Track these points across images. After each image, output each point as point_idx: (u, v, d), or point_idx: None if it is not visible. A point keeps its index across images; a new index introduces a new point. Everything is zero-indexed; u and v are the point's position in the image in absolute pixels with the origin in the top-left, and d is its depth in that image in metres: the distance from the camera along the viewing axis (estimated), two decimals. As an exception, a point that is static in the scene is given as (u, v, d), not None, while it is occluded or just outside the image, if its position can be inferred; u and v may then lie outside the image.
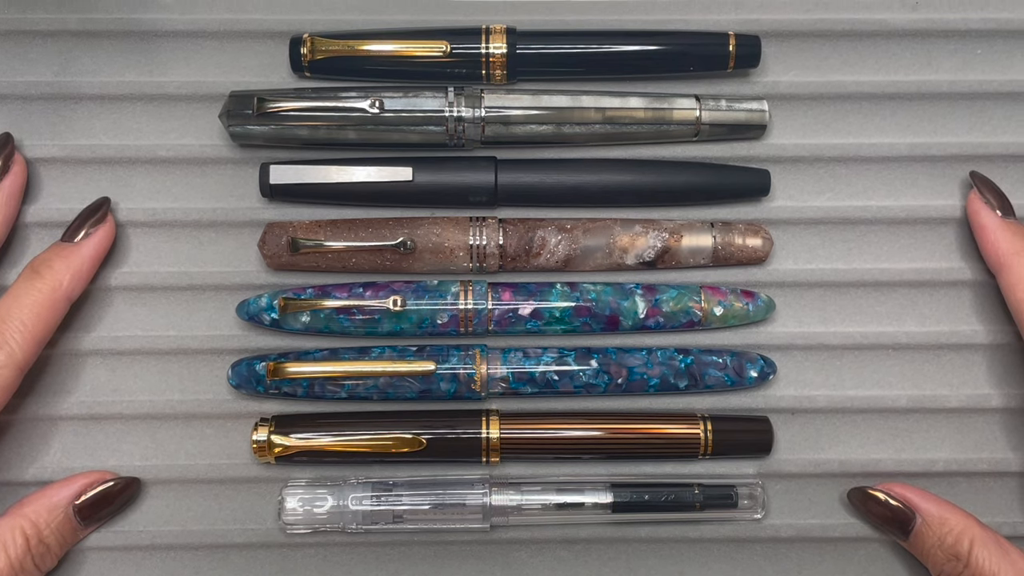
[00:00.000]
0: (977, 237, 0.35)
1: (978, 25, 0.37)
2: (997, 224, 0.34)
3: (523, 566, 0.35)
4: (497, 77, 0.36)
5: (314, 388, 0.34)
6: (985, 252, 0.35)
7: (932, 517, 0.32)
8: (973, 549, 0.31)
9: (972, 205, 0.35)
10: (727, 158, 0.36)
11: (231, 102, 0.34)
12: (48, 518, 0.32)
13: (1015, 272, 0.33)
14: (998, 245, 0.34)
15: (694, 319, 0.35)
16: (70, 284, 0.33)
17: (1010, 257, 0.34)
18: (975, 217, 0.35)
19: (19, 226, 0.36)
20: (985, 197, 0.35)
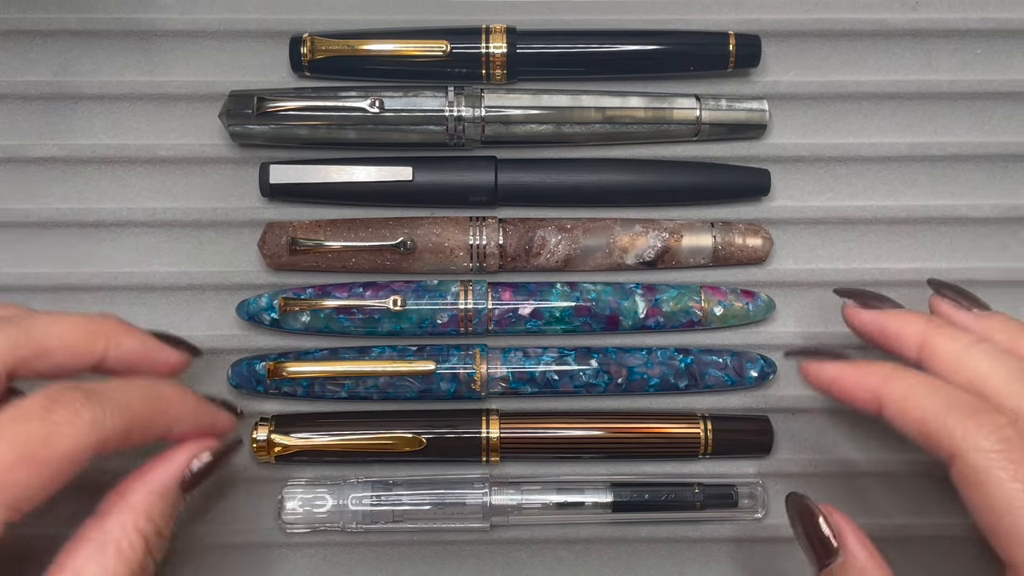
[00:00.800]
0: (883, 343, 0.30)
1: (978, 25, 0.37)
2: (890, 317, 0.30)
3: (523, 566, 0.35)
4: (497, 77, 0.36)
5: (314, 388, 0.34)
6: (897, 346, 0.30)
7: (855, 565, 0.27)
8: None
9: (854, 318, 0.31)
10: (727, 158, 0.36)
11: (231, 102, 0.34)
12: (161, 506, 0.27)
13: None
14: (908, 341, 0.29)
15: (694, 319, 0.35)
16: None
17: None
18: (861, 327, 0.31)
19: (17, 225, 0.36)
20: (859, 306, 0.31)
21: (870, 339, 0.31)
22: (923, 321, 0.29)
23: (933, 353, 0.28)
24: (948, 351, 0.28)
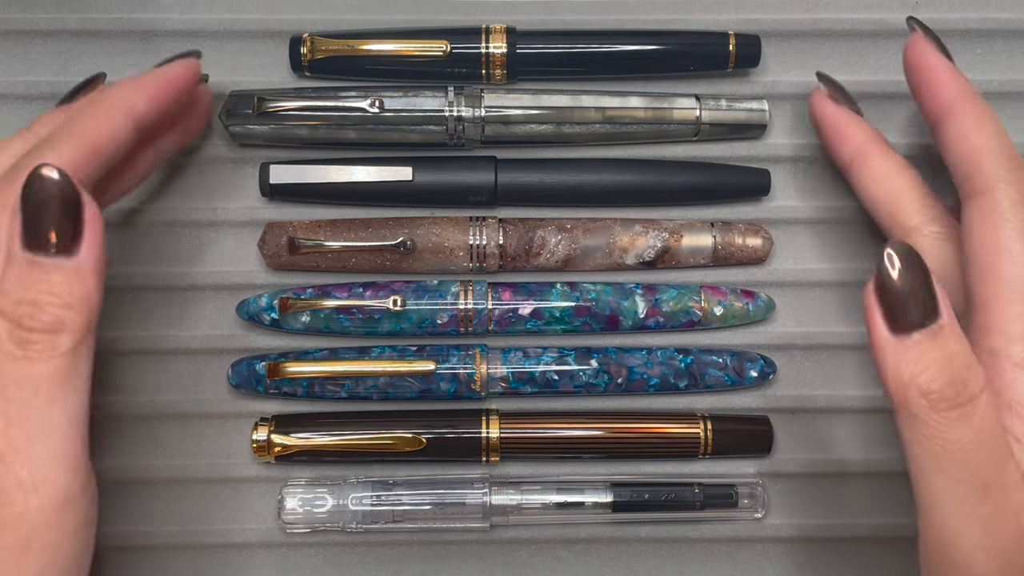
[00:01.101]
0: (920, 81, 0.31)
1: (978, 25, 0.37)
2: (947, 65, 0.30)
3: (523, 566, 0.35)
4: (497, 77, 0.36)
5: (314, 388, 0.34)
6: (930, 97, 0.30)
7: (952, 333, 0.26)
8: None
9: (916, 47, 0.31)
10: (727, 158, 0.36)
11: (231, 102, 0.34)
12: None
13: (968, 117, 0.29)
14: (949, 87, 0.30)
15: (694, 319, 0.35)
16: (143, 107, 0.29)
17: (960, 101, 0.29)
18: (919, 59, 0.30)
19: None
20: (929, 38, 0.31)
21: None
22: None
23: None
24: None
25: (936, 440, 0.25)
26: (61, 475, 0.24)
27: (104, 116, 0.28)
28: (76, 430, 0.25)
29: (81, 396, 0.25)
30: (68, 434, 0.24)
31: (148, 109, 0.29)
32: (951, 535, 0.25)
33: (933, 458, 0.25)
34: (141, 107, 0.29)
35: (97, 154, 0.28)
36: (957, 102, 0.29)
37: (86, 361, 0.25)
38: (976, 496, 0.25)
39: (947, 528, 0.25)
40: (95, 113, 0.28)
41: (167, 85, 0.30)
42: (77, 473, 0.25)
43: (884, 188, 0.32)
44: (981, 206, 0.28)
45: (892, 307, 0.26)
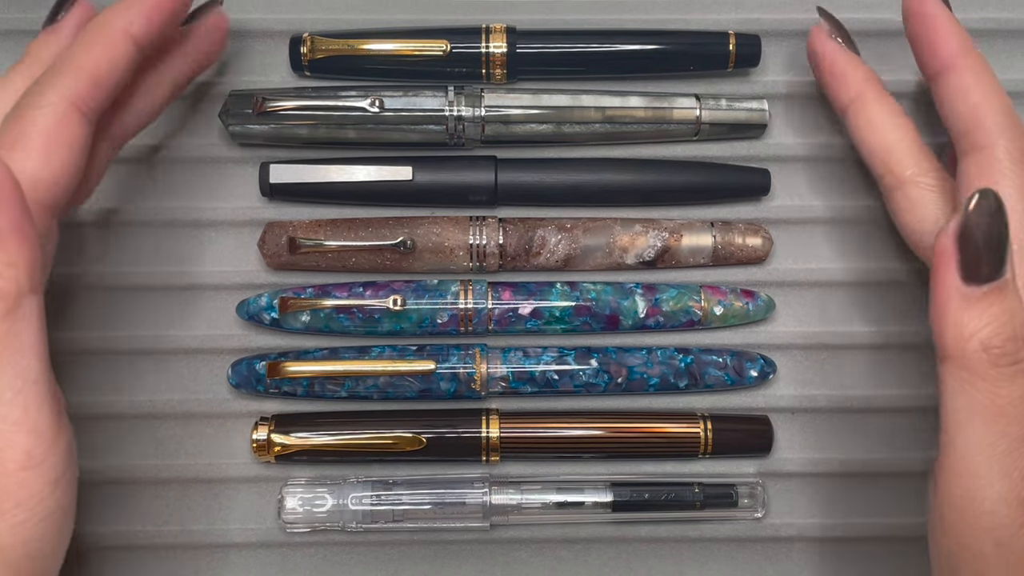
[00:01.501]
0: (919, 32, 0.30)
1: (978, 25, 0.37)
2: (948, 17, 0.30)
3: (523, 566, 0.35)
4: (497, 76, 0.36)
5: (314, 387, 0.34)
6: (929, 50, 0.30)
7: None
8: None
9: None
10: (727, 158, 0.36)
11: (231, 101, 0.34)
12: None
13: (969, 72, 0.29)
14: (950, 40, 0.29)
15: (694, 319, 0.35)
16: (140, 27, 0.28)
17: (961, 56, 0.29)
18: (920, 8, 0.30)
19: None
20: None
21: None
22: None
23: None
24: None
25: (988, 394, 0.25)
26: (18, 436, 0.24)
27: (102, 44, 0.28)
28: (30, 392, 0.24)
29: (31, 360, 0.24)
30: (18, 399, 0.24)
31: (146, 29, 0.28)
32: (979, 485, 0.26)
33: (981, 411, 0.25)
34: (138, 28, 0.28)
35: (99, 84, 0.27)
36: (958, 57, 0.29)
37: (30, 324, 0.24)
38: (1015, 450, 0.25)
39: (977, 478, 0.26)
40: (92, 42, 0.28)
41: (162, 1, 0.29)
42: (39, 434, 0.24)
43: (880, 136, 0.31)
44: (980, 162, 0.28)
45: (973, 255, 0.25)
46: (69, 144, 0.27)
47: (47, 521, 0.25)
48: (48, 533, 0.25)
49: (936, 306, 0.26)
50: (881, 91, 0.32)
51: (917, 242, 0.31)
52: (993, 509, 0.26)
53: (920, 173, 0.31)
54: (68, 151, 0.26)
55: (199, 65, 0.33)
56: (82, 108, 0.27)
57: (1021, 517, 0.25)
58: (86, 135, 0.27)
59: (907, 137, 0.32)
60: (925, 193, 0.31)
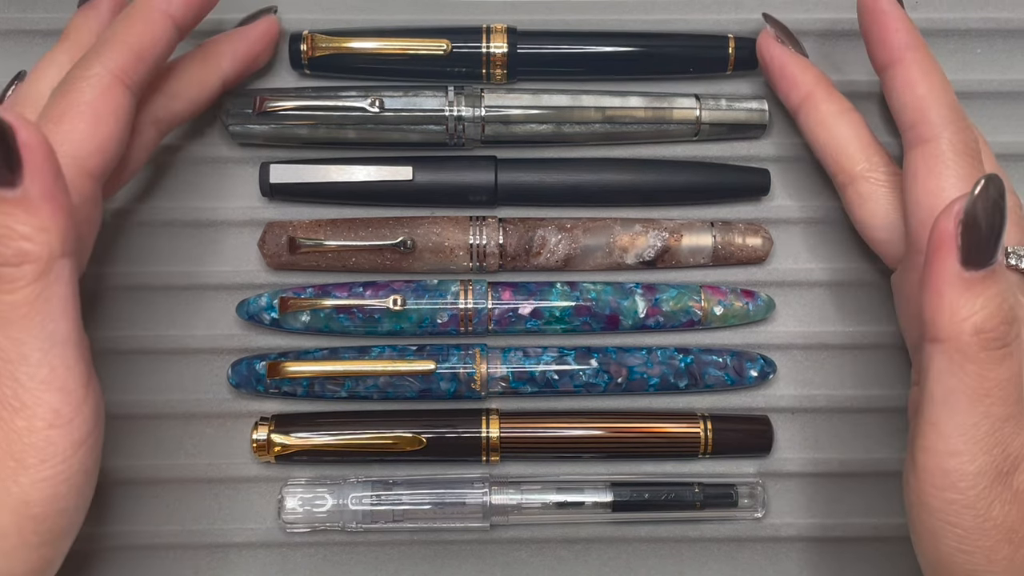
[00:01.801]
0: (871, 27, 0.31)
1: (978, 25, 0.37)
2: (900, 12, 0.31)
3: (523, 566, 0.35)
4: (497, 76, 0.36)
5: (314, 387, 0.34)
6: (880, 44, 0.31)
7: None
8: None
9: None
10: (727, 158, 0.36)
11: (231, 101, 0.34)
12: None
13: (916, 66, 0.30)
14: (899, 34, 0.30)
15: (694, 319, 0.35)
16: (178, 7, 0.30)
17: (910, 50, 0.30)
18: (873, 3, 0.31)
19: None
20: None
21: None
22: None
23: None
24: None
25: (976, 376, 0.26)
26: (47, 395, 0.25)
27: (143, 21, 0.29)
28: (59, 353, 0.25)
29: (60, 322, 0.25)
30: (46, 359, 0.25)
31: (184, 10, 0.30)
32: (961, 462, 0.26)
33: (968, 392, 0.26)
34: (176, 9, 0.30)
35: (142, 59, 0.29)
36: (907, 51, 0.30)
37: (61, 287, 0.25)
38: (997, 429, 0.26)
39: (959, 456, 0.26)
40: (134, 19, 0.29)
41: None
42: (68, 393, 0.25)
43: (829, 133, 0.32)
44: (925, 154, 0.29)
45: (975, 240, 0.25)
46: (114, 113, 0.28)
47: (70, 482, 0.26)
48: (71, 493, 0.26)
49: (931, 289, 0.26)
50: (830, 90, 0.33)
51: (870, 236, 0.33)
52: (973, 483, 0.26)
53: (870, 168, 0.32)
54: (114, 120, 0.28)
55: (247, 66, 0.35)
56: (126, 81, 0.28)
57: (998, 488, 0.27)
58: (130, 106, 0.29)
59: (857, 134, 0.32)
60: (875, 188, 0.32)
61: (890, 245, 0.32)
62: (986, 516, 0.27)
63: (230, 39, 0.34)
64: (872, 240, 0.33)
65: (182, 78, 0.32)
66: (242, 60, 0.34)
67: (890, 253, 0.32)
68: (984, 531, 0.27)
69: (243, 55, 0.34)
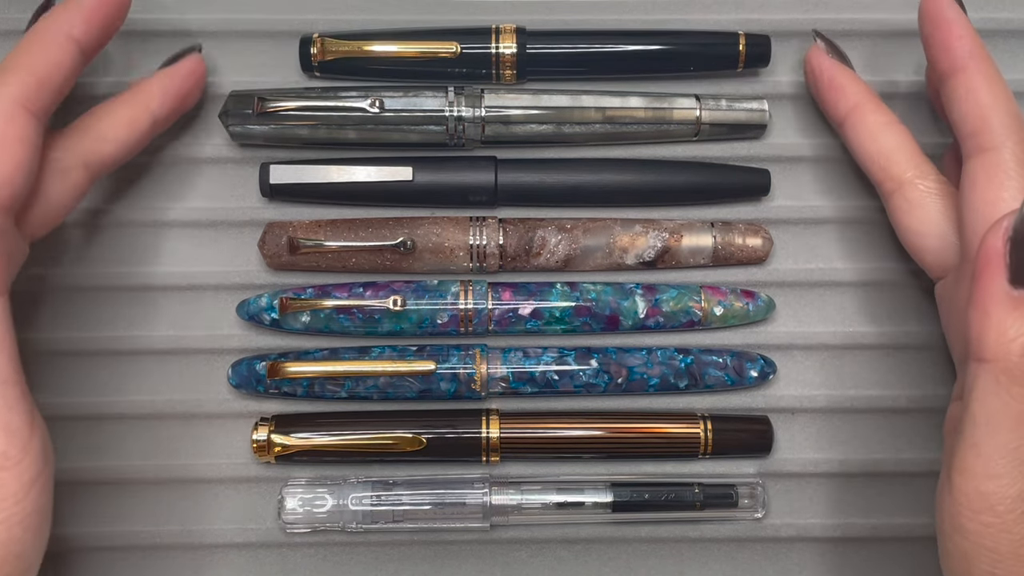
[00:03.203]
0: (933, 33, 0.31)
1: (978, 25, 0.37)
2: (964, 20, 0.30)
3: (523, 566, 0.35)
4: (507, 77, 0.36)
5: (314, 388, 0.34)
6: (942, 51, 0.30)
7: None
8: None
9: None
10: (727, 158, 0.36)
11: (231, 101, 0.34)
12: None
13: (979, 74, 0.29)
14: (963, 41, 0.30)
15: (694, 319, 0.35)
16: (80, 29, 0.30)
17: (973, 59, 0.30)
18: (936, 11, 0.30)
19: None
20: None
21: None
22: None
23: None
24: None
25: (1022, 399, 0.25)
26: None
27: (44, 46, 0.29)
28: (0, 393, 0.25)
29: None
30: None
31: (86, 32, 0.30)
32: (1001, 486, 0.26)
33: (1013, 415, 0.26)
34: (79, 31, 0.29)
35: (44, 85, 0.28)
36: (970, 59, 0.30)
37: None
38: None
39: (999, 479, 0.26)
40: (34, 43, 0.29)
41: (102, 2, 0.30)
42: (12, 433, 0.25)
43: (879, 142, 0.32)
44: (986, 163, 0.29)
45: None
46: (20, 141, 0.27)
47: (25, 523, 0.25)
48: (27, 535, 0.25)
49: (977, 308, 0.26)
50: (878, 102, 0.33)
51: (917, 244, 0.32)
52: (1012, 507, 0.26)
53: (919, 176, 0.31)
54: (20, 147, 0.27)
55: (177, 105, 0.34)
56: (30, 107, 0.28)
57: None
58: (36, 133, 0.28)
59: (905, 143, 0.32)
60: (925, 196, 0.31)
61: (936, 254, 0.31)
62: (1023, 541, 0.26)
63: (158, 78, 0.33)
64: (918, 248, 0.32)
65: (110, 119, 0.32)
66: (172, 99, 0.33)
67: (935, 263, 0.31)
68: (1020, 556, 0.26)
69: (172, 94, 0.33)
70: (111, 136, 0.31)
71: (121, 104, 0.32)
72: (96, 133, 0.31)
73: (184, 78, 0.34)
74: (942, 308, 0.32)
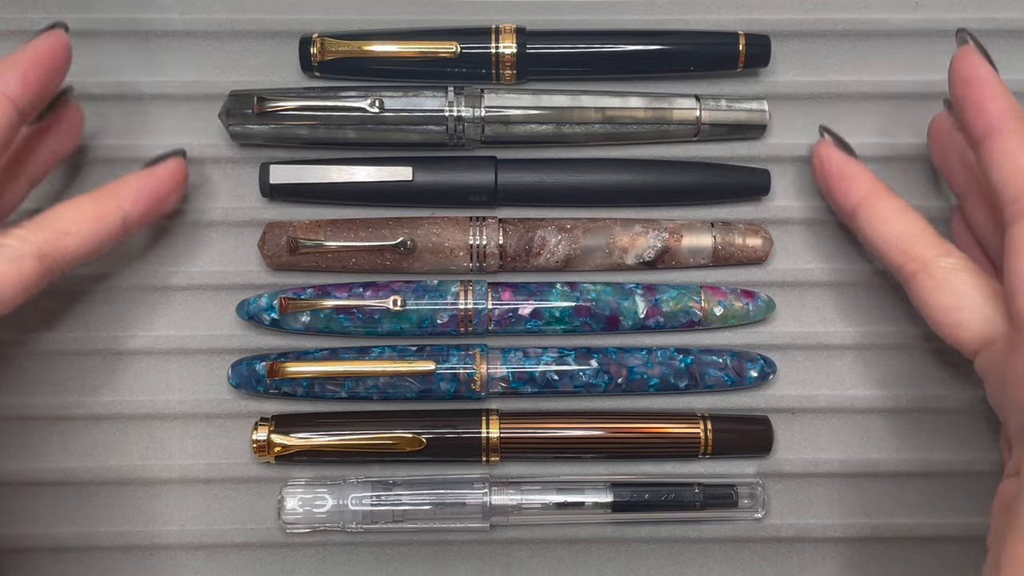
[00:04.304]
0: (967, 95, 0.30)
1: (978, 25, 0.37)
2: (997, 80, 0.30)
3: (523, 566, 0.35)
4: (507, 77, 0.36)
5: (314, 388, 0.34)
6: (978, 113, 0.29)
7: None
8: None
9: (967, 59, 0.30)
10: (727, 158, 0.36)
11: (231, 101, 0.34)
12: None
13: (1017, 136, 0.28)
14: (998, 103, 0.29)
15: (694, 319, 0.35)
16: (15, 88, 0.29)
17: (1010, 120, 0.29)
18: (969, 72, 0.30)
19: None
20: (980, 51, 0.30)
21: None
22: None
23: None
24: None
25: None
26: None
27: None
28: None
29: None
30: None
31: (22, 90, 0.29)
32: None
33: None
34: (14, 89, 0.29)
35: None
36: (1006, 120, 0.29)
37: None
38: None
39: None
40: None
41: (38, 60, 0.30)
42: None
43: (895, 227, 0.31)
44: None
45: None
46: None
47: None
48: None
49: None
50: (888, 189, 0.33)
51: (948, 320, 0.30)
52: None
53: (943, 254, 0.30)
54: None
55: (152, 206, 0.32)
56: None
57: None
58: None
59: (922, 225, 0.31)
60: (951, 272, 0.30)
61: (972, 329, 0.30)
62: None
63: (136, 177, 0.32)
64: (952, 324, 0.30)
65: (75, 213, 0.30)
66: (147, 199, 0.32)
67: (971, 337, 0.30)
68: None
69: (148, 194, 0.32)
70: (74, 230, 0.30)
71: (89, 200, 0.31)
72: (58, 226, 0.30)
73: (163, 180, 0.33)
74: (988, 380, 0.30)
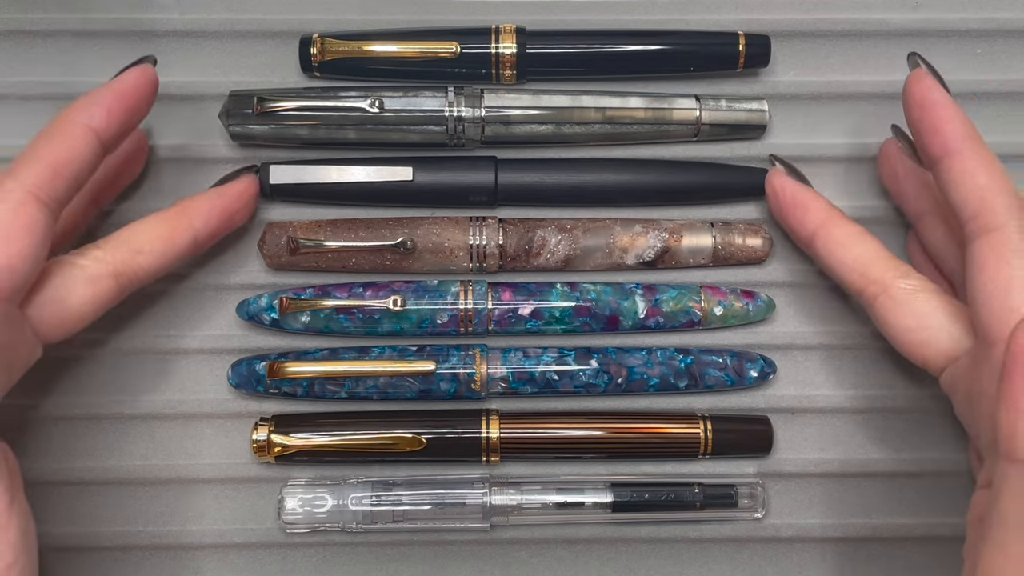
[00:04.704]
0: (923, 118, 0.30)
1: (978, 25, 0.37)
2: (951, 103, 0.30)
3: (523, 566, 0.35)
4: (507, 77, 0.36)
5: (314, 388, 0.34)
6: (934, 135, 0.30)
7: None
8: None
9: (920, 83, 0.30)
10: (727, 158, 0.36)
11: (231, 101, 0.34)
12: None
13: (975, 156, 0.29)
14: (954, 124, 0.29)
15: (694, 319, 0.35)
16: (100, 120, 0.30)
17: (967, 140, 0.29)
18: (923, 96, 0.30)
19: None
20: (932, 74, 0.31)
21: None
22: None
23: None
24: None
25: None
26: None
27: (62, 135, 0.29)
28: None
29: None
30: None
31: (106, 123, 0.29)
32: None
33: None
34: (99, 122, 0.29)
35: (58, 174, 0.28)
36: (963, 140, 0.29)
37: None
38: None
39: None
40: (53, 133, 0.29)
41: (123, 95, 0.30)
42: None
43: (853, 252, 0.32)
44: (992, 243, 0.28)
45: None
46: (27, 229, 0.27)
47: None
48: None
49: (1010, 407, 0.25)
50: (843, 215, 0.33)
51: (910, 340, 0.31)
52: None
53: (902, 275, 0.31)
54: (27, 237, 0.27)
55: (222, 224, 0.33)
56: (41, 197, 0.27)
57: None
58: (46, 223, 0.28)
59: (880, 249, 0.32)
60: (912, 292, 0.31)
61: (935, 346, 0.30)
62: None
63: (207, 196, 0.33)
64: (916, 343, 0.30)
65: (148, 233, 0.31)
66: (217, 217, 0.33)
67: (936, 355, 0.30)
68: None
69: (219, 212, 0.33)
70: (147, 249, 0.31)
71: (162, 219, 0.32)
72: (132, 245, 0.31)
73: (234, 198, 0.33)
74: (955, 395, 0.30)
